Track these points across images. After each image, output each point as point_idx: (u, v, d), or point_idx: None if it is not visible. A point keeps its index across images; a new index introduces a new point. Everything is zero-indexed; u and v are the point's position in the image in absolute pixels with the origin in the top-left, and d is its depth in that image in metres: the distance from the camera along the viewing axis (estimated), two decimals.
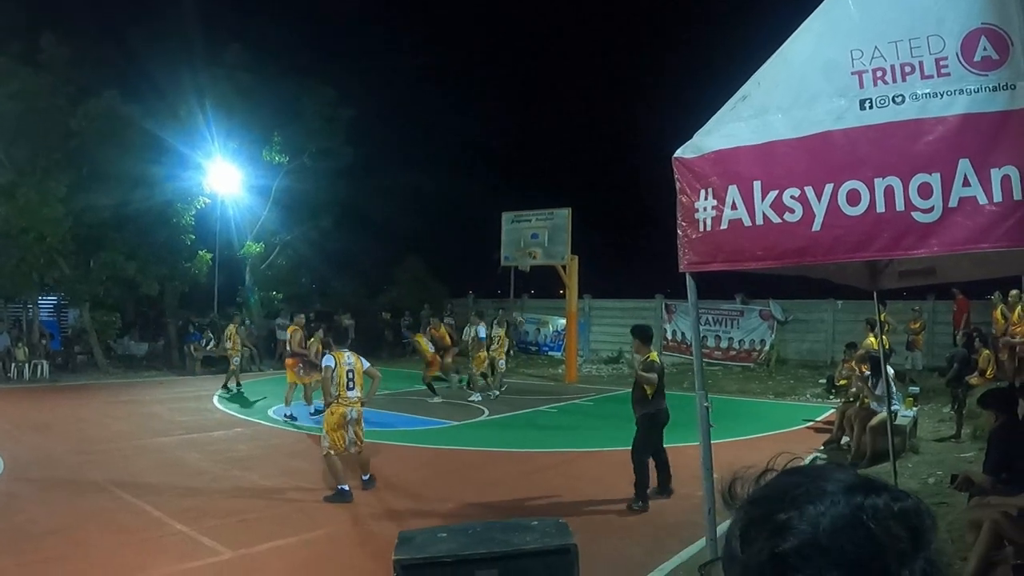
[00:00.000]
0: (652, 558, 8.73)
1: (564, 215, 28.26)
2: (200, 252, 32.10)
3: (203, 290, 34.72)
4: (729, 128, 5.46)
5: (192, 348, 31.00)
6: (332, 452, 11.39)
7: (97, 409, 19.86)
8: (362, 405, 11.97)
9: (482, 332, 23.03)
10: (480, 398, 22.17)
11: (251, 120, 32.35)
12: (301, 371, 19.59)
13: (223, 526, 10.10)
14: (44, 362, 27.92)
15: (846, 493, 1.26)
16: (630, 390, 12.03)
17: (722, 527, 6.65)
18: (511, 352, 28.64)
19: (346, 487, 11.36)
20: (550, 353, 35.83)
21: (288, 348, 20.47)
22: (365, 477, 12.07)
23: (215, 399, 22.10)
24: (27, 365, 27.32)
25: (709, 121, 5.62)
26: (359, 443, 11.99)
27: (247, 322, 32.54)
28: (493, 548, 4.83)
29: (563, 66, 71.82)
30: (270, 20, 35.14)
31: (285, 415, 18.89)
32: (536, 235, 28.67)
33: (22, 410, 20.18)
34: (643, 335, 12.07)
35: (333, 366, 11.71)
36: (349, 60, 42.60)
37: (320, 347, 18.41)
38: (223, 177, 32.08)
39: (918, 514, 1.28)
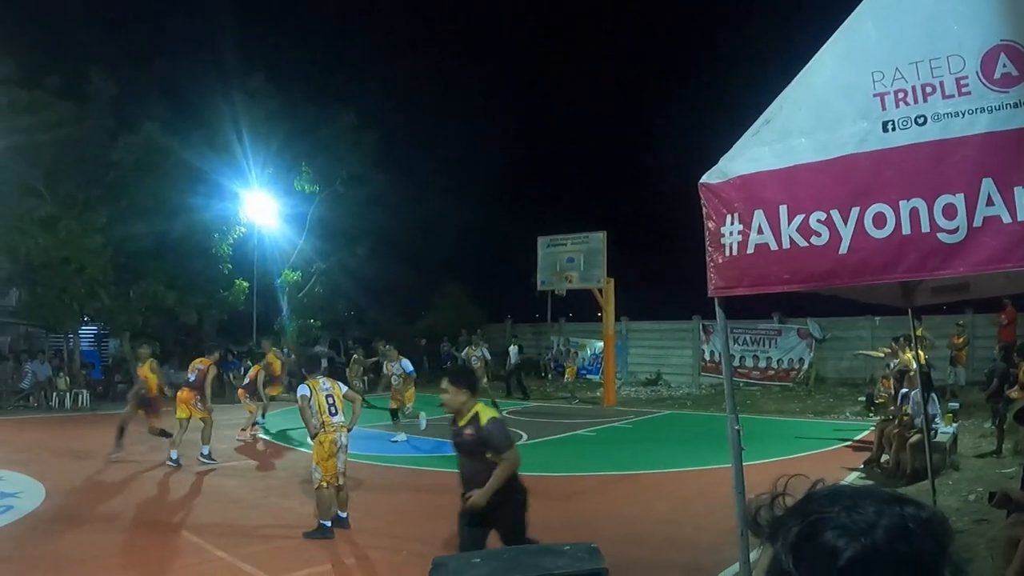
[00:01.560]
0: None
1: (599, 238, 28.34)
2: (237, 281, 32.38)
3: (241, 318, 34.93)
4: (753, 152, 5.48)
5: (231, 376, 31.13)
6: (325, 484, 10.95)
7: (136, 437, 20.00)
8: (348, 431, 11.49)
9: (408, 367, 20.54)
10: (404, 437, 19.83)
11: (283, 149, 32.64)
12: (199, 404, 17.88)
13: (262, 552, 10.16)
14: (85, 391, 28.19)
15: (887, 505, 1.34)
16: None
17: (756, 550, 6.60)
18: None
19: (328, 523, 10.94)
20: (588, 376, 35.74)
21: (187, 379, 18.56)
22: (342, 515, 11.34)
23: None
24: (68, 394, 27.64)
25: (734, 146, 5.64)
26: (344, 474, 11.38)
27: (285, 349, 32.84)
28: (525, 573, 4.85)
29: (599, 89, 71.71)
30: (296, 49, 35.39)
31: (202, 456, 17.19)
32: (572, 259, 28.73)
33: (63, 438, 20.38)
34: (461, 381, 7.78)
35: (309, 395, 11.17)
36: (378, 87, 42.81)
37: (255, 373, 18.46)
38: (259, 206, 32.32)
39: (941, 521, 1.35)
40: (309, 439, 11.47)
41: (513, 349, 31.72)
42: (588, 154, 66.17)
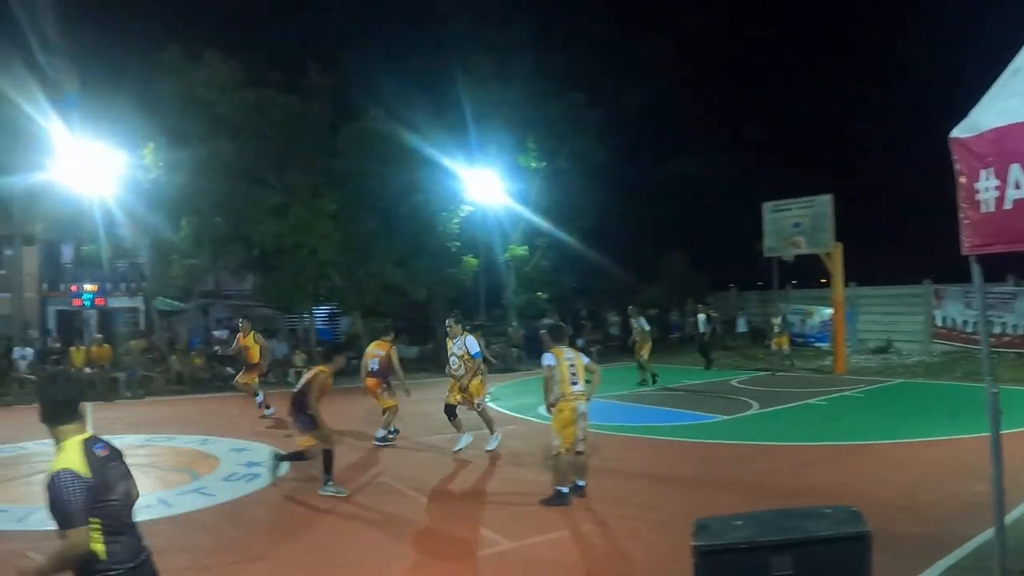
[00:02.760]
0: (927, 553, 8.42)
1: (825, 202, 27.81)
2: (465, 257, 32.96)
3: (469, 294, 35.54)
4: (1004, 104, 5.25)
5: None
6: (563, 451, 11.08)
7: (371, 409, 20.60)
8: (587, 400, 11.40)
9: (473, 346, 15.35)
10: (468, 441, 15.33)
11: (505, 128, 33.08)
12: (384, 393, 16.54)
13: (501, 518, 10.49)
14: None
15: None
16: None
17: (1010, 516, 6.38)
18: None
19: (565, 489, 11.07)
20: (816, 344, 35.07)
21: (369, 368, 16.84)
22: (581, 483, 11.40)
23: (486, 398, 22.50)
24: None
25: (983, 98, 5.42)
26: (584, 441, 11.39)
27: (514, 324, 33.45)
28: (788, 535, 4.83)
29: (816, 47, 69.89)
30: (516, 28, 35.57)
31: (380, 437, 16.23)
32: (798, 224, 28.32)
33: None
34: (44, 395, 4.70)
35: (554, 364, 11.23)
36: (596, 58, 42.67)
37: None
38: (483, 184, 32.66)
39: None
40: (545, 409, 11.53)
41: (701, 318, 31.19)
42: (810, 114, 64.56)
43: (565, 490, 11.02)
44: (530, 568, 8.75)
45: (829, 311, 31.72)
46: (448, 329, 16.16)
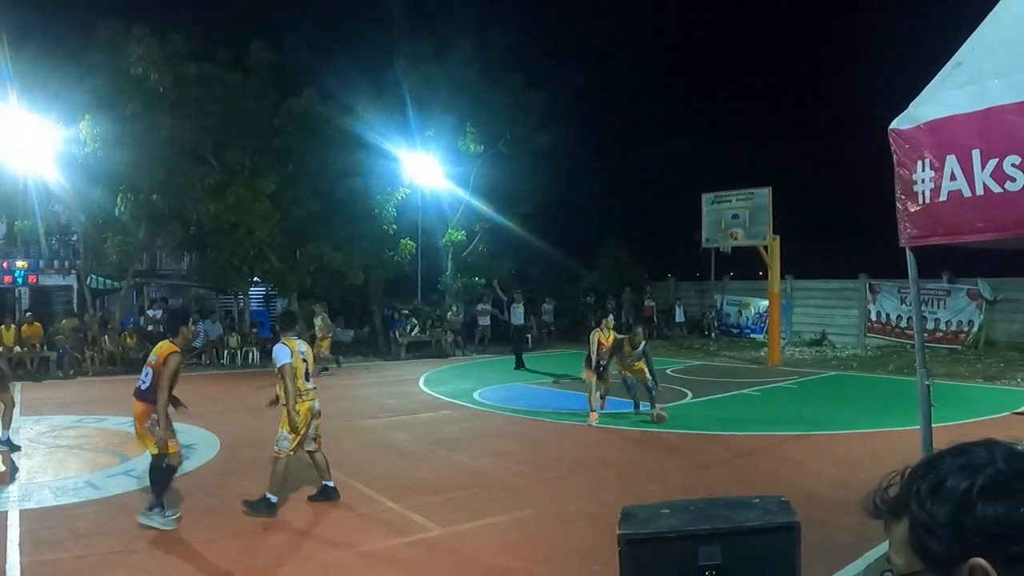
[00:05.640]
0: (859, 545, 8.47)
1: (764, 195, 27.90)
2: (402, 241, 32.82)
3: (407, 278, 35.46)
4: (944, 96, 5.26)
5: (397, 334, 31.76)
6: (286, 456, 9.97)
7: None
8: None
9: None
10: None
11: (445, 111, 33.01)
12: None
13: (432, 504, 10.38)
14: (254, 349, 29.14)
15: (993, 443, 1.50)
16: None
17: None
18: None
19: (275, 499, 9.91)
20: (752, 336, 35.43)
21: None
22: (329, 483, 10.58)
23: (421, 383, 22.47)
24: (239, 352, 28.73)
25: (924, 90, 5.43)
26: (318, 442, 10.51)
27: (454, 308, 33.39)
28: (717, 524, 4.81)
29: (758, 38, 70.06)
30: (457, 10, 35.57)
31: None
32: (737, 215, 28.38)
33: (235, 394, 21.06)
34: None
35: (291, 360, 10.00)
36: (538, 43, 42.72)
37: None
38: (422, 168, 32.57)
39: None
40: (285, 406, 10.09)
41: (518, 309, 30.15)
42: (752, 106, 64.79)
43: (275, 499, 9.99)
44: (459, 554, 8.72)
45: (765, 303, 32.02)
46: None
